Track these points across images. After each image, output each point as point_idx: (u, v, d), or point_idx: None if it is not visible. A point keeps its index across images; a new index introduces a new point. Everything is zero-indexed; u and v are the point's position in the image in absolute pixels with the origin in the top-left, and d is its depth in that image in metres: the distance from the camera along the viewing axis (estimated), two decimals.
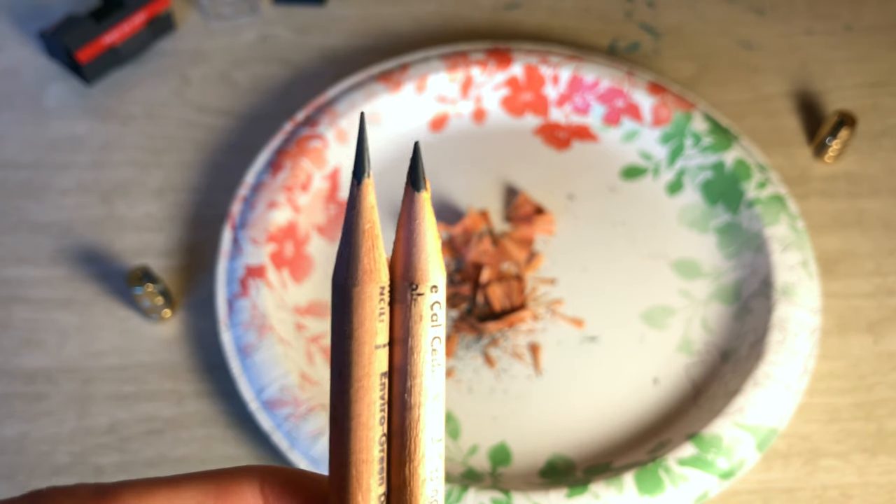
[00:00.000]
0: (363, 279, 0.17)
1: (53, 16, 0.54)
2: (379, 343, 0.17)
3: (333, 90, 0.48)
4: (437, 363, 0.18)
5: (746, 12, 0.57)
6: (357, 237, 0.17)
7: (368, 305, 0.17)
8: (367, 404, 0.17)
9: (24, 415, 0.41)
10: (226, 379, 0.41)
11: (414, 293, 0.17)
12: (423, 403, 0.17)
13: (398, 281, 0.18)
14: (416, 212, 0.18)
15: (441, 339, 0.18)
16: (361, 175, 0.17)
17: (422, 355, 0.17)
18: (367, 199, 0.17)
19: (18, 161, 0.48)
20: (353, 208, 0.17)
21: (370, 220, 0.17)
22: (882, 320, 0.44)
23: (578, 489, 0.37)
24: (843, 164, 0.50)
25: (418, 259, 0.17)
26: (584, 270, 0.45)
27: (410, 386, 0.17)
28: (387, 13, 0.55)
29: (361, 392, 0.17)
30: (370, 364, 0.17)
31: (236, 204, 0.44)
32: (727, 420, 0.38)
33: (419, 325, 0.17)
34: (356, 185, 0.17)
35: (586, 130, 0.50)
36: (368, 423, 0.17)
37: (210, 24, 0.54)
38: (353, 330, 0.17)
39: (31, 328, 0.43)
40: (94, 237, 0.46)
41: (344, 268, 0.17)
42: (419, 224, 0.17)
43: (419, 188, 0.18)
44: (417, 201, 0.18)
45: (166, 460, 0.40)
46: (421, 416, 0.17)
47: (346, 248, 0.17)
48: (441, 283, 0.18)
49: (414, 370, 0.17)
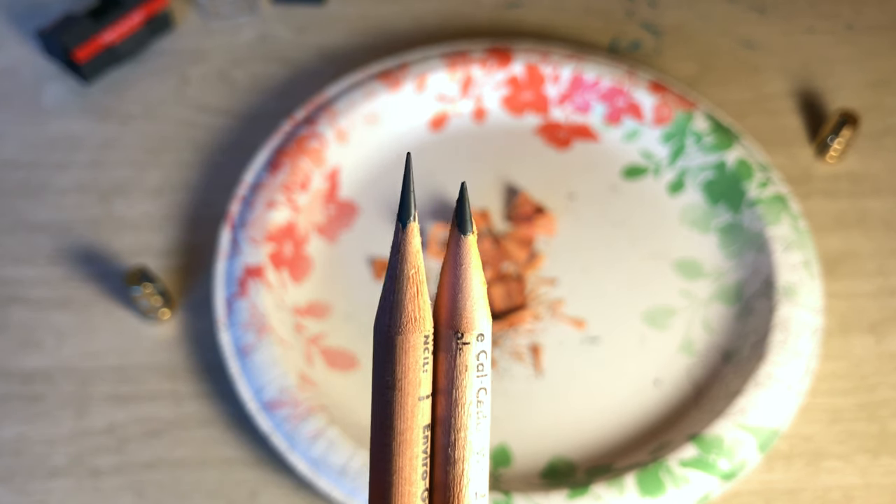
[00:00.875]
0: (407, 327, 0.16)
1: (51, 15, 0.53)
2: (422, 394, 0.17)
3: (333, 89, 0.48)
4: (483, 415, 0.17)
5: (748, 11, 0.56)
6: (401, 283, 0.16)
7: (412, 355, 0.16)
8: (409, 458, 0.16)
9: (21, 416, 0.40)
10: (224, 380, 0.41)
11: (459, 342, 0.17)
12: (468, 458, 0.17)
13: (443, 329, 0.17)
14: (462, 256, 0.17)
15: (487, 391, 0.17)
16: (407, 219, 0.16)
17: (466, 408, 0.17)
18: (412, 244, 0.17)
19: (16, 160, 0.48)
20: (396, 252, 0.17)
21: (415, 265, 0.17)
22: (884, 320, 0.44)
23: (579, 490, 0.37)
24: (845, 164, 0.49)
25: (464, 306, 0.17)
26: (585, 270, 0.45)
27: (454, 440, 0.17)
28: (386, 12, 0.55)
29: (404, 446, 0.16)
30: (413, 416, 0.16)
31: (235, 203, 0.44)
32: (729, 421, 0.38)
33: (464, 375, 0.17)
34: (401, 229, 0.17)
35: (587, 130, 0.50)
36: (410, 479, 0.16)
37: (209, 23, 0.54)
38: (397, 381, 0.16)
39: (28, 328, 0.43)
40: (93, 237, 0.45)
41: (387, 315, 0.17)
42: (465, 269, 0.17)
43: (466, 231, 0.17)
44: (464, 245, 0.17)
45: (165, 461, 0.39)
46: (465, 471, 0.17)
47: (389, 294, 0.17)
48: (487, 331, 0.17)
49: (458, 423, 0.17)
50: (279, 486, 0.39)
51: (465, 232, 0.17)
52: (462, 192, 0.17)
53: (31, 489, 0.39)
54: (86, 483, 0.39)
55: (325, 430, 0.38)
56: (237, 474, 0.39)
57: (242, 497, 0.39)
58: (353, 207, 0.46)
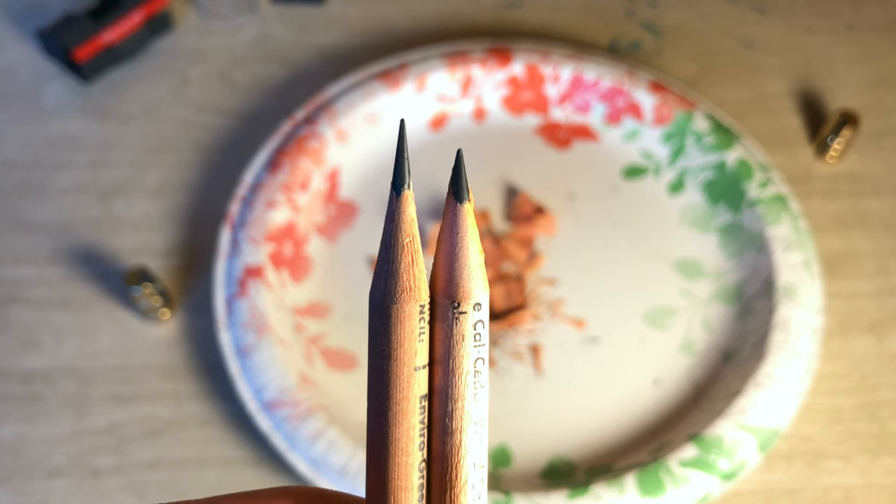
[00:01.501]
0: (402, 297, 0.16)
1: (51, 14, 0.53)
2: (419, 364, 0.16)
3: (333, 89, 0.48)
4: (481, 385, 0.17)
5: (748, 11, 0.56)
6: (396, 252, 0.16)
7: (408, 325, 0.16)
8: (405, 429, 0.16)
9: (21, 416, 0.40)
10: (224, 380, 0.41)
11: (456, 311, 0.16)
12: (465, 428, 0.16)
13: (439, 298, 0.17)
14: (458, 224, 0.16)
15: (484, 360, 0.17)
16: (401, 186, 0.16)
17: (464, 377, 0.16)
18: (406, 212, 0.16)
19: (16, 160, 0.48)
20: (391, 221, 0.16)
21: (410, 233, 0.16)
22: (884, 321, 0.44)
23: (579, 490, 0.37)
24: (845, 164, 0.49)
25: (461, 275, 0.16)
26: (585, 270, 0.45)
27: (451, 410, 0.16)
28: (386, 11, 0.55)
29: (400, 416, 0.16)
30: (409, 387, 0.16)
31: (235, 203, 0.44)
32: (729, 421, 0.38)
33: (461, 345, 0.16)
34: (395, 196, 0.16)
35: (587, 130, 0.49)
36: (407, 449, 0.16)
37: (209, 23, 0.54)
38: (392, 350, 0.16)
39: (28, 329, 0.43)
40: (92, 237, 0.45)
41: (381, 284, 0.16)
42: (462, 237, 0.16)
43: (462, 199, 0.16)
44: (460, 213, 0.16)
45: (164, 461, 0.39)
46: (463, 442, 0.16)
47: (383, 263, 0.16)
48: (485, 300, 0.17)
49: (455, 393, 0.16)
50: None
51: (461, 200, 0.16)
52: (458, 159, 0.16)
53: (31, 489, 0.39)
54: (86, 483, 0.39)
55: (325, 430, 0.38)
56: (237, 474, 0.39)
57: None
58: (353, 207, 0.46)
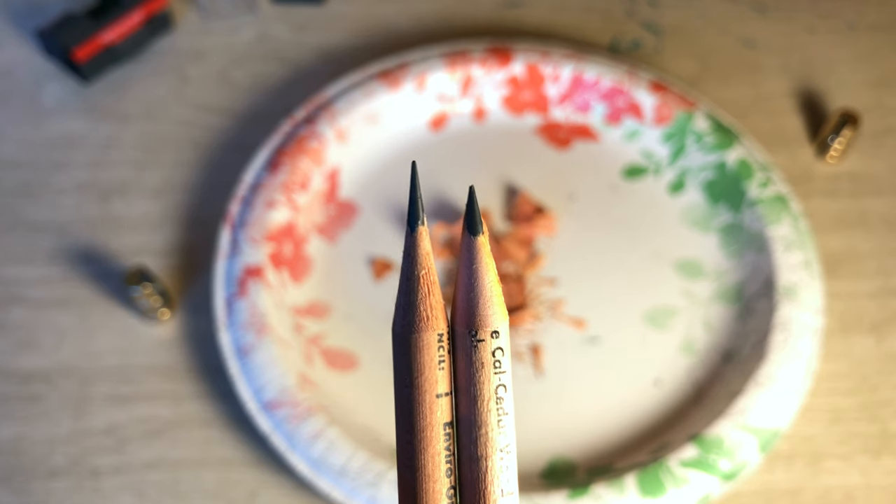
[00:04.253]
0: (420, 326, 0.17)
1: (51, 14, 0.53)
2: (440, 392, 0.17)
3: (332, 89, 0.48)
4: (504, 412, 0.17)
5: (748, 11, 0.56)
6: (413, 284, 0.17)
7: (427, 353, 0.17)
8: (431, 455, 0.17)
9: (20, 416, 0.40)
10: (224, 380, 0.41)
11: (475, 339, 0.17)
12: (491, 455, 0.17)
13: (458, 328, 0.17)
14: (472, 256, 0.17)
15: (507, 387, 0.17)
16: (415, 224, 0.17)
17: (486, 404, 0.17)
18: (421, 247, 0.17)
19: (15, 160, 0.48)
20: (407, 255, 0.17)
21: (425, 266, 0.17)
22: (885, 321, 0.44)
23: (580, 491, 0.36)
24: (845, 164, 0.49)
25: (478, 304, 0.17)
26: (585, 270, 0.45)
27: (476, 437, 0.17)
28: (386, 11, 0.55)
29: (425, 443, 0.17)
30: (432, 414, 0.17)
31: (235, 203, 0.44)
32: (729, 421, 0.38)
33: (481, 372, 0.17)
34: (410, 232, 0.17)
35: (587, 129, 0.49)
36: (434, 476, 0.17)
37: (208, 22, 0.54)
38: (413, 379, 0.17)
39: (27, 328, 0.43)
40: (92, 237, 0.45)
41: (401, 316, 0.17)
42: (476, 269, 0.17)
43: (476, 233, 0.17)
44: (475, 246, 0.17)
45: (164, 462, 0.39)
46: (489, 468, 0.17)
47: (402, 296, 0.17)
48: (503, 328, 0.17)
49: (479, 420, 0.17)
50: (279, 486, 0.39)
51: (475, 233, 0.18)
52: (471, 195, 0.18)
53: (31, 489, 0.39)
54: (86, 483, 0.39)
55: (325, 430, 0.37)
56: (237, 474, 0.39)
57: (242, 497, 0.39)
58: (352, 207, 0.46)
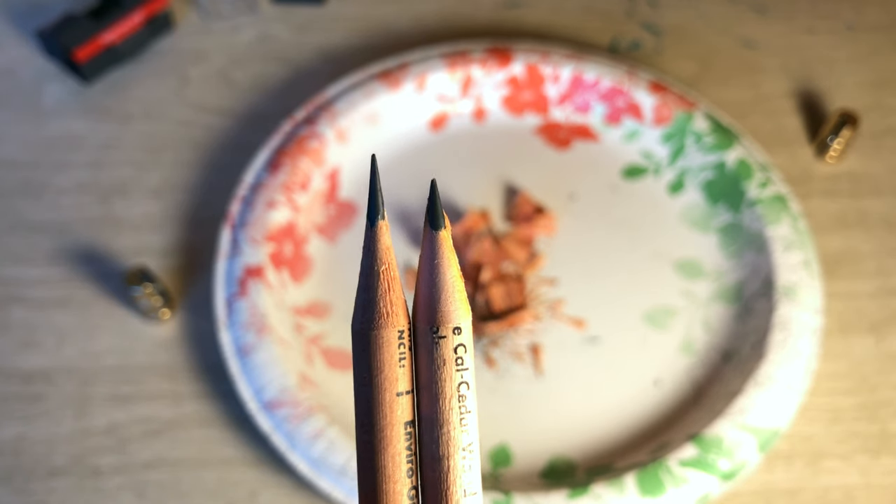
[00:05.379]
0: (379, 322, 0.17)
1: (51, 14, 0.53)
2: (401, 390, 0.17)
3: (333, 89, 0.48)
4: (467, 410, 0.17)
5: (748, 11, 0.56)
6: (372, 280, 0.17)
7: (387, 350, 0.16)
8: (391, 455, 0.16)
9: (21, 416, 0.40)
10: (224, 380, 0.41)
11: (435, 336, 0.17)
12: (453, 454, 0.17)
13: (420, 324, 0.17)
14: (434, 252, 0.17)
15: (469, 385, 0.17)
16: (375, 217, 0.17)
17: (448, 402, 0.17)
18: (381, 241, 0.17)
19: (16, 160, 0.48)
20: (367, 250, 0.17)
21: (385, 261, 0.17)
22: (884, 321, 0.44)
23: (579, 490, 0.37)
24: (845, 164, 0.49)
25: (439, 300, 0.17)
26: (585, 270, 0.45)
27: (438, 436, 0.17)
28: (386, 12, 0.55)
29: (385, 442, 0.16)
30: (392, 412, 0.16)
31: (235, 203, 0.44)
32: (729, 421, 0.38)
33: (443, 369, 0.17)
34: (369, 227, 0.17)
35: (587, 130, 0.49)
36: (394, 476, 0.16)
37: (209, 23, 0.54)
38: (373, 377, 0.16)
39: (28, 328, 0.43)
40: (93, 237, 0.45)
41: (360, 312, 0.17)
42: (438, 264, 0.17)
43: (437, 227, 0.17)
44: (436, 241, 0.17)
45: (165, 461, 0.39)
46: (451, 468, 0.17)
47: (362, 291, 0.17)
48: (465, 324, 0.17)
49: (441, 418, 0.17)
50: (279, 486, 0.39)
51: (436, 227, 0.17)
52: (433, 189, 0.17)
53: (31, 489, 0.39)
54: (86, 483, 0.39)
55: (325, 430, 0.38)
56: (237, 474, 0.39)
57: (242, 497, 0.39)
58: (352, 207, 0.46)
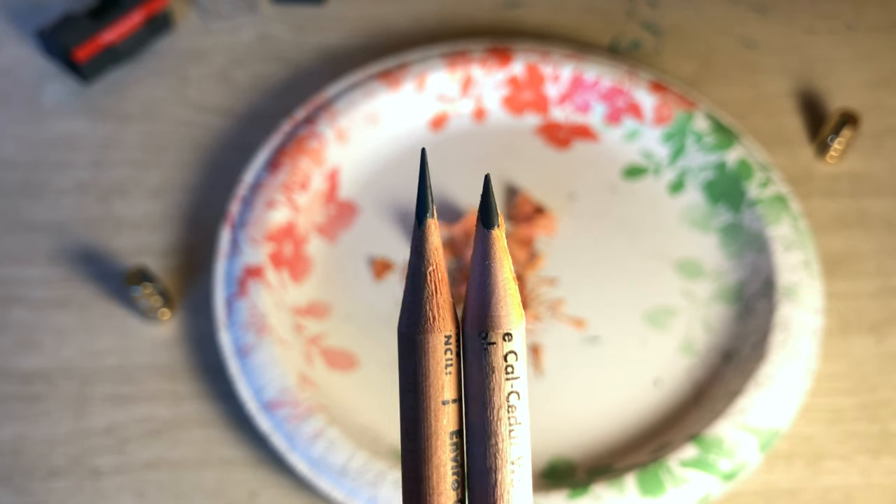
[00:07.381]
0: (426, 327, 0.16)
1: (51, 14, 0.53)
2: (447, 398, 0.16)
3: (332, 89, 0.48)
4: (517, 421, 0.16)
5: (748, 11, 0.56)
6: (419, 282, 0.16)
7: (433, 356, 0.16)
8: (435, 466, 0.16)
9: (21, 416, 0.40)
10: (224, 380, 0.41)
11: (484, 342, 0.16)
12: (501, 468, 0.16)
13: (469, 329, 0.16)
14: (486, 251, 0.16)
15: (520, 395, 0.16)
16: (424, 215, 0.16)
17: (496, 413, 0.16)
18: (430, 241, 0.16)
19: (15, 160, 0.48)
20: (415, 251, 0.16)
21: (433, 262, 0.16)
22: (885, 321, 0.44)
23: (580, 490, 0.36)
24: (845, 164, 0.49)
25: (489, 304, 0.16)
26: (585, 270, 0.45)
27: (485, 448, 0.16)
28: (386, 11, 0.55)
29: (429, 452, 0.16)
30: (437, 421, 0.16)
31: (235, 203, 0.44)
32: (729, 421, 0.38)
33: (491, 378, 0.16)
34: (417, 225, 0.16)
35: (587, 130, 0.49)
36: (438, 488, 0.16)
37: (208, 23, 0.54)
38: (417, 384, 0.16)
39: (28, 329, 0.43)
40: (92, 237, 0.45)
41: (405, 315, 0.16)
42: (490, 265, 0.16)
43: (491, 225, 0.16)
44: (489, 240, 0.16)
45: (164, 462, 0.39)
46: (499, 482, 0.16)
47: (408, 293, 0.16)
48: (517, 330, 0.16)
49: (489, 430, 0.16)
50: (279, 486, 0.39)
51: (489, 226, 0.16)
52: (486, 185, 0.16)
53: (31, 489, 0.39)
54: (86, 483, 0.39)
55: (325, 430, 0.37)
56: (237, 474, 0.39)
57: (242, 497, 0.39)
58: (352, 207, 0.46)
